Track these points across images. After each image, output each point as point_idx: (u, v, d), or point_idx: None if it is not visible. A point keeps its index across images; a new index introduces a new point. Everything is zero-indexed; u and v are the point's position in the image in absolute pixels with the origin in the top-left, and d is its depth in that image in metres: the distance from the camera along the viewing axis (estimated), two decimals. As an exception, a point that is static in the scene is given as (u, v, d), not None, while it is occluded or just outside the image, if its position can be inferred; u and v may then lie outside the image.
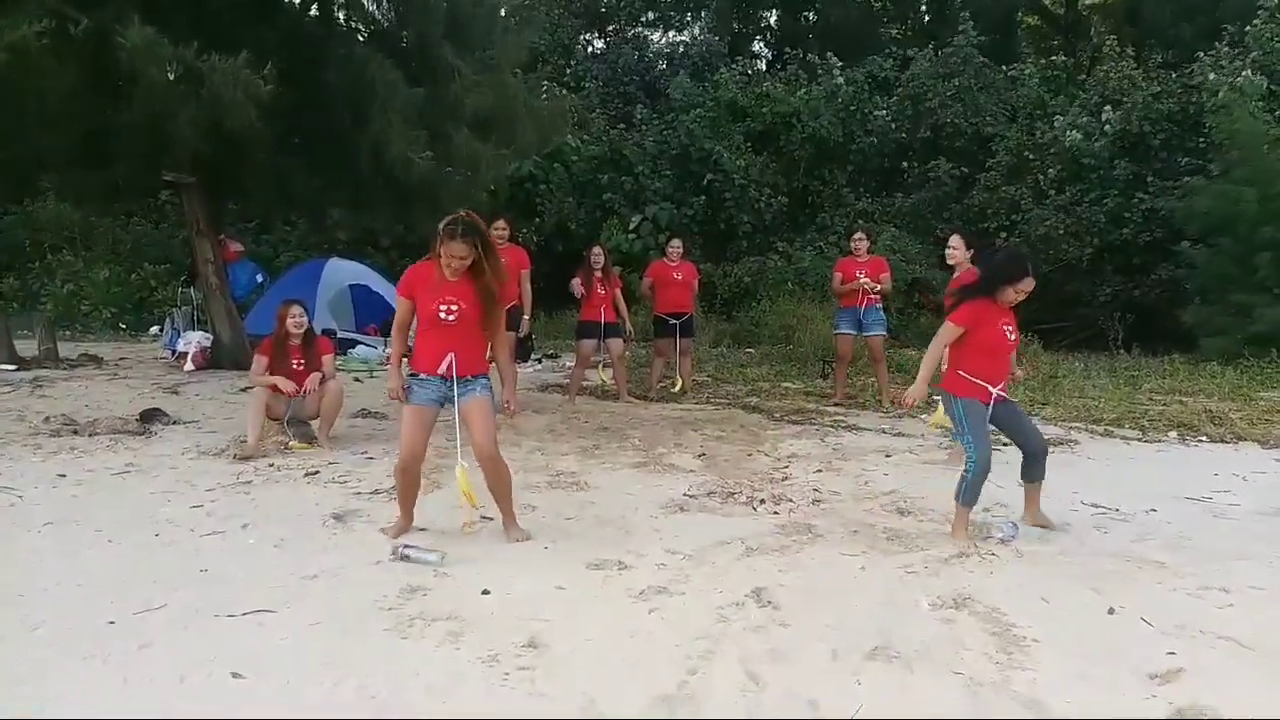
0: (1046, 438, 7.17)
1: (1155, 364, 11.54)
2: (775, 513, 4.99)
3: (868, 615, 3.52)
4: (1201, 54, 14.46)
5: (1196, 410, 8.03)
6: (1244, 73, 13.43)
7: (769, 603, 3.63)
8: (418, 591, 3.63)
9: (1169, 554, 4.33)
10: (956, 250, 6.75)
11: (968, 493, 4.52)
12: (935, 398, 5.10)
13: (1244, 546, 4.40)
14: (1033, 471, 4.72)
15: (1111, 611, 3.62)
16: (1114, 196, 14.41)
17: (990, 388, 4.50)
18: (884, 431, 7.38)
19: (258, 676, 2.91)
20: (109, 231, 17.03)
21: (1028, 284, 4.43)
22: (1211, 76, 13.75)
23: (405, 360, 4.36)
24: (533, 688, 2.86)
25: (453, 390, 4.14)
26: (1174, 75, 14.90)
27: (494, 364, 4.49)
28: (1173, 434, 7.31)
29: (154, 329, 14.06)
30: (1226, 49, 14.37)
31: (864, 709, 2.76)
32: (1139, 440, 7.14)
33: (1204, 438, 7.19)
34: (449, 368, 4.08)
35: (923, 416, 6.86)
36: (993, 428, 4.60)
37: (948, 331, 4.55)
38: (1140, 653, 3.25)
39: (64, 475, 5.39)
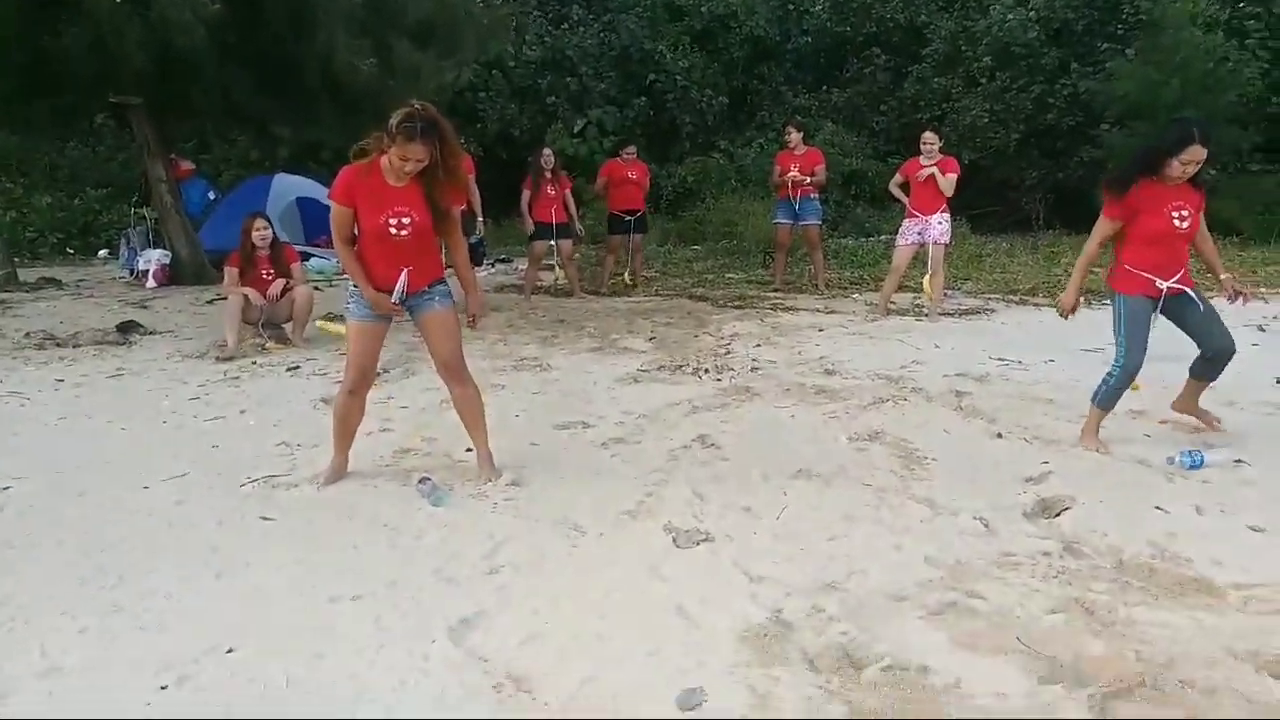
0: (964, 308, 7.96)
1: (1074, 241, 12.27)
2: (719, 380, 5.60)
3: (794, 449, 4.16)
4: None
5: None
6: None
7: (712, 444, 4.25)
8: (410, 452, 4.18)
9: (1059, 393, 5.04)
10: (932, 144, 7.37)
11: (1104, 397, 4.14)
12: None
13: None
14: (1205, 369, 4.18)
15: (1000, 436, 4.32)
16: (1040, 83, 14.94)
17: (1158, 280, 4.00)
18: (818, 311, 8.04)
19: (283, 518, 3.45)
20: (45, 158, 16.83)
21: (1194, 153, 3.77)
22: None
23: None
24: (518, 511, 3.45)
25: (406, 304, 3.69)
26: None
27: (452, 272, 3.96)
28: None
29: (102, 252, 14.11)
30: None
31: (787, 510, 3.40)
32: (1049, 305, 7.85)
33: (1107, 301, 7.89)
34: (403, 288, 3.61)
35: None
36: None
37: (1100, 227, 4.07)
38: (1019, 464, 3.94)
39: (61, 380, 5.78)
